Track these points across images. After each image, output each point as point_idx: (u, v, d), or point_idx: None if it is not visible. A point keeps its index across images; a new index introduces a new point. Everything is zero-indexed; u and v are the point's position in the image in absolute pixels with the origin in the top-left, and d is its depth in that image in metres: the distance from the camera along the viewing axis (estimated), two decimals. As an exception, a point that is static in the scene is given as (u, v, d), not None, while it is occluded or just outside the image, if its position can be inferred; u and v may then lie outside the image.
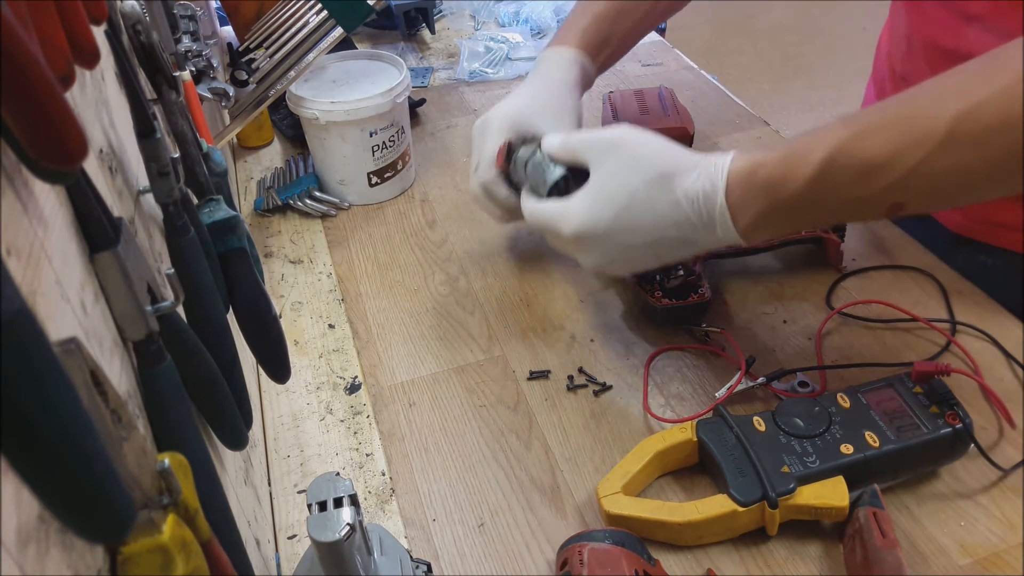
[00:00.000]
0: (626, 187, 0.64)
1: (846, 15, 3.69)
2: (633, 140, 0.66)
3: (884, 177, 0.57)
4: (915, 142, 0.55)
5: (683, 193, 0.63)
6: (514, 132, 0.80)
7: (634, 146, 0.65)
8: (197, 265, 0.47)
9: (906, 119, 0.56)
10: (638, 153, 0.65)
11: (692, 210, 0.63)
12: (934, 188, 0.57)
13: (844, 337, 0.80)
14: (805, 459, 0.62)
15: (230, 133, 1.00)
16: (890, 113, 0.58)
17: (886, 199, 0.58)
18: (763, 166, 0.61)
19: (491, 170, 0.80)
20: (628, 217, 0.65)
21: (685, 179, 0.63)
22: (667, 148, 0.65)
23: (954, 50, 0.80)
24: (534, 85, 0.85)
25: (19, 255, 0.26)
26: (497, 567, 0.63)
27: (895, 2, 0.93)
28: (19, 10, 0.24)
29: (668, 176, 0.63)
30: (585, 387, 0.77)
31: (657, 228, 0.64)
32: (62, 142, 0.25)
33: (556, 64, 0.86)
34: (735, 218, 0.62)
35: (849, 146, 0.57)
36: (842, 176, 0.58)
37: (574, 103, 0.84)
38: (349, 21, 0.95)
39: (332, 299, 0.90)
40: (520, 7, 1.49)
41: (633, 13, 0.88)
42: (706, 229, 0.63)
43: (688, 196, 0.63)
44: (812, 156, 0.58)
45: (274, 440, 0.75)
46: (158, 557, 0.29)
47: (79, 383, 0.27)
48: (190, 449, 0.37)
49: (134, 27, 0.46)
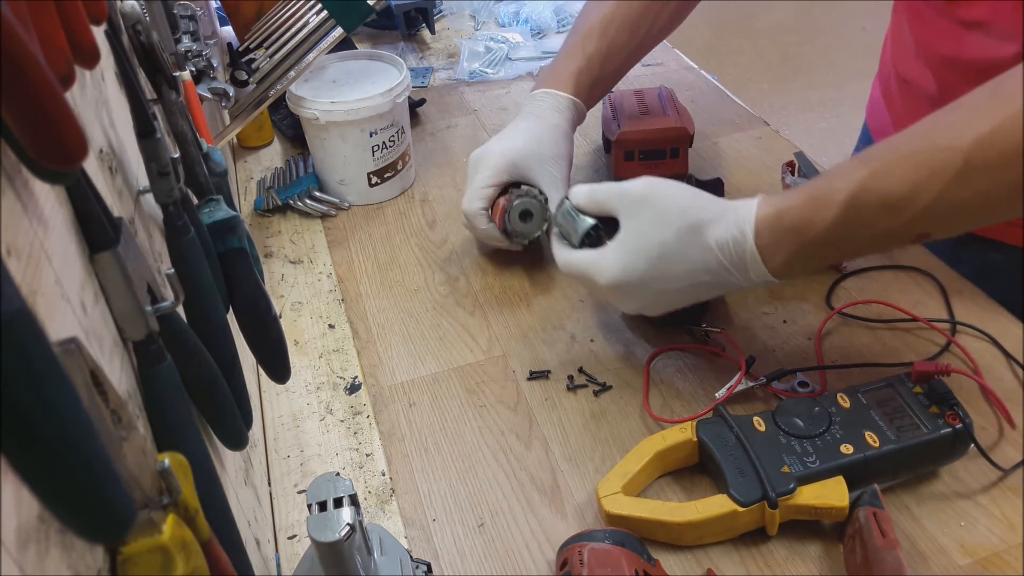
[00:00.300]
0: (658, 239, 0.66)
1: (846, 15, 3.69)
2: (660, 193, 0.67)
3: (907, 211, 0.59)
4: (933, 174, 0.57)
5: (714, 241, 0.65)
6: (508, 174, 0.85)
7: (662, 199, 0.67)
8: (197, 265, 0.47)
9: (922, 152, 0.58)
10: (666, 206, 0.66)
11: (724, 256, 0.65)
12: (956, 216, 0.60)
13: (844, 337, 0.80)
14: (805, 459, 0.62)
15: (230, 133, 1.00)
16: (905, 148, 0.60)
17: (911, 231, 0.61)
18: (789, 211, 0.63)
19: (477, 202, 0.85)
20: (662, 267, 0.67)
21: (714, 228, 0.65)
22: (694, 198, 0.67)
23: (955, 57, 0.80)
24: (531, 126, 0.87)
25: (19, 255, 0.26)
26: (497, 567, 0.63)
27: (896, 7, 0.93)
28: (19, 10, 0.24)
29: (697, 226, 0.65)
30: (585, 387, 0.77)
31: (691, 275, 0.67)
32: (62, 142, 0.25)
33: (551, 107, 0.88)
34: (766, 261, 0.64)
35: (870, 184, 0.59)
36: (866, 214, 0.60)
37: (568, 148, 0.88)
38: (349, 21, 0.95)
39: (332, 299, 0.90)
40: (520, 7, 1.49)
41: (624, 50, 0.91)
42: (739, 272, 0.66)
43: (719, 244, 0.65)
44: (835, 197, 0.61)
45: (274, 440, 0.75)
46: (158, 557, 0.29)
47: (79, 383, 0.27)
48: (190, 449, 0.37)
49: (134, 27, 0.46)
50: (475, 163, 0.88)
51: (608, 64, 0.90)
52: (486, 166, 0.86)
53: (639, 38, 0.90)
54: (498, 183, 0.86)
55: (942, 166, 0.57)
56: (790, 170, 0.95)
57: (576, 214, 0.73)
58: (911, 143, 0.60)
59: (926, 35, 0.85)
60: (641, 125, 0.99)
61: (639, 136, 0.99)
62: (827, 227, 0.61)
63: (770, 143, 1.10)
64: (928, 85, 0.86)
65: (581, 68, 0.89)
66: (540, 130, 0.87)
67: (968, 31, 0.78)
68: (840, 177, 0.61)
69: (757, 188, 1.00)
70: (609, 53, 0.89)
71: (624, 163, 1.01)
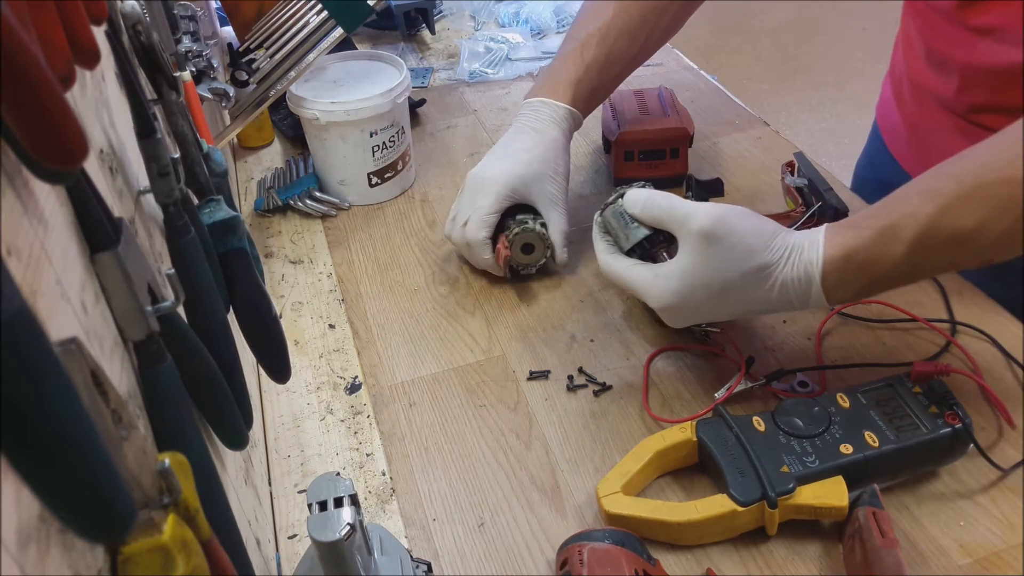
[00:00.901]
0: (721, 276, 0.66)
1: (846, 15, 3.69)
2: (728, 231, 0.65)
3: (975, 244, 0.59)
4: (1003, 209, 0.58)
5: (779, 284, 0.65)
6: (509, 200, 0.85)
7: (730, 237, 0.65)
8: (197, 265, 0.47)
9: (991, 186, 0.58)
10: (734, 244, 0.65)
11: (786, 295, 0.65)
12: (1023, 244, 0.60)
13: (844, 337, 0.80)
14: (805, 459, 0.62)
15: (230, 133, 1.00)
16: (971, 181, 0.60)
17: (976, 260, 0.62)
18: (857, 252, 0.63)
19: (483, 231, 0.84)
20: (719, 299, 0.67)
21: (779, 269, 0.65)
22: (761, 237, 0.65)
23: (967, 63, 0.80)
24: (528, 142, 0.87)
25: (19, 255, 0.26)
26: (497, 567, 0.63)
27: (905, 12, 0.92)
28: (19, 10, 0.24)
29: (763, 268, 0.65)
30: (585, 387, 0.77)
31: (747, 307, 0.68)
32: (62, 142, 0.25)
33: (549, 119, 0.88)
34: (829, 297, 0.65)
35: (939, 221, 0.60)
36: (934, 250, 0.61)
37: (566, 163, 0.88)
38: (349, 21, 0.95)
39: (332, 299, 0.90)
40: (520, 7, 1.49)
41: (623, 58, 0.90)
42: (798, 306, 0.66)
43: (783, 285, 0.65)
44: (903, 235, 0.61)
45: (274, 440, 0.75)
46: (158, 557, 0.29)
47: (79, 383, 0.27)
48: (190, 449, 0.37)
49: (134, 27, 0.46)
50: (472, 187, 0.87)
51: (607, 72, 0.90)
52: (487, 192, 0.85)
53: (638, 46, 0.90)
54: (501, 209, 0.85)
55: (1012, 201, 0.57)
56: (790, 170, 0.95)
57: (629, 220, 0.71)
58: (977, 175, 0.60)
59: (937, 41, 0.84)
60: (641, 125, 0.99)
61: (639, 136, 0.99)
62: (894, 264, 0.62)
63: (770, 143, 1.10)
64: (940, 89, 0.86)
65: (580, 77, 0.88)
66: (540, 148, 0.86)
67: (979, 37, 0.77)
68: (907, 215, 0.61)
69: (757, 188, 1.01)
70: (608, 62, 0.89)
71: (624, 163, 1.01)
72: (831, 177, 0.94)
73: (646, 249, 0.71)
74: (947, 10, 0.79)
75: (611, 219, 0.73)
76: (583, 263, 0.92)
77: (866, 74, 3.19)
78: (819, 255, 0.64)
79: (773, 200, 0.98)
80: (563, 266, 0.88)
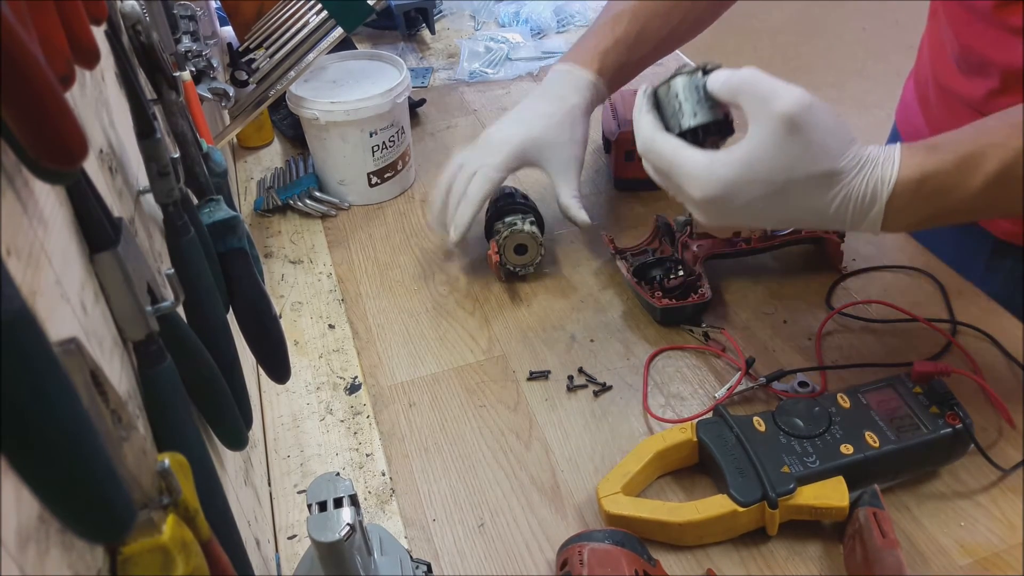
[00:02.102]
0: (786, 173, 0.60)
1: (846, 15, 3.69)
2: (813, 124, 0.59)
3: None
4: None
5: (843, 194, 0.60)
6: (520, 160, 0.84)
7: (813, 131, 0.59)
8: (197, 265, 0.47)
9: None
10: (813, 141, 0.59)
11: (845, 209, 0.60)
12: None
13: (844, 337, 0.80)
14: (805, 459, 0.62)
15: (230, 133, 1.00)
16: None
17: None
18: (933, 177, 0.58)
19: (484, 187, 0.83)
20: (774, 200, 0.61)
21: (848, 180, 0.60)
22: (837, 138, 0.60)
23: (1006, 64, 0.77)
24: (548, 107, 0.85)
25: (19, 255, 0.26)
26: (497, 567, 0.63)
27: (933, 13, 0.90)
28: (19, 10, 0.24)
29: (832, 175, 0.60)
30: (585, 387, 0.77)
31: (801, 212, 0.62)
32: (62, 142, 0.25)
33: (572, 86, 0.86)
34: (887, 221, 0.60)
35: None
36: (1014, 187, 0.57)
37: (583, 131, 0.86)
38: (349, 21, 0.95)
39: (332, 299, 0.90)
40: (520, 7, 1.49)
41: (654, 38, 0.88)
42: (850, 223, 0.61)
43: (848, 198, 0.60)
44: (986, 166, 0.57)
45: (274, 440, 0.75)
46: (158, 557, 0.29)
47: (79, 383, 0.26)
48: (190, 449, 0.37)
49: (134, 27, 0.46)
50: (486, 144, 0.85)
51: (636, 50, 0.87)
52: (498, 152, 0.84)
53: (670, 28, 0.88)
54: (510, 168, 0.85)
55: None
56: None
57: (698, 98, 0.64)
58: None
59: (973, 41, 0.81)
60: (641, 125, 0.99)
61: (639, 136, 0.99)
62: (968, 196, 0.57)
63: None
64: (971, 93, 0.83)
65: (608, 49, 0.86)
66: (558, 115, 0.84)
67: (1016, 37, 0.75)
68: (994, 145, 0.57)
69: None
70: (638, 40, 0.86)
71: (624, 163, 1.01)
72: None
73: (698, 137, 0.64)
74: (984, 10, 0.77)
75: (676, 92, 0.65)
76: (583, 263, 0.92)
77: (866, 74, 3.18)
78: (893, 173, 0.59)
79: (773, 200, 0.98)
80: (587, 226, 0.85)
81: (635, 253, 0.88)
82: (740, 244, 0.86)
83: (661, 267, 0.86)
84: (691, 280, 0.82)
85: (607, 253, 0.90)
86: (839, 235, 0.86)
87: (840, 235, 0.86)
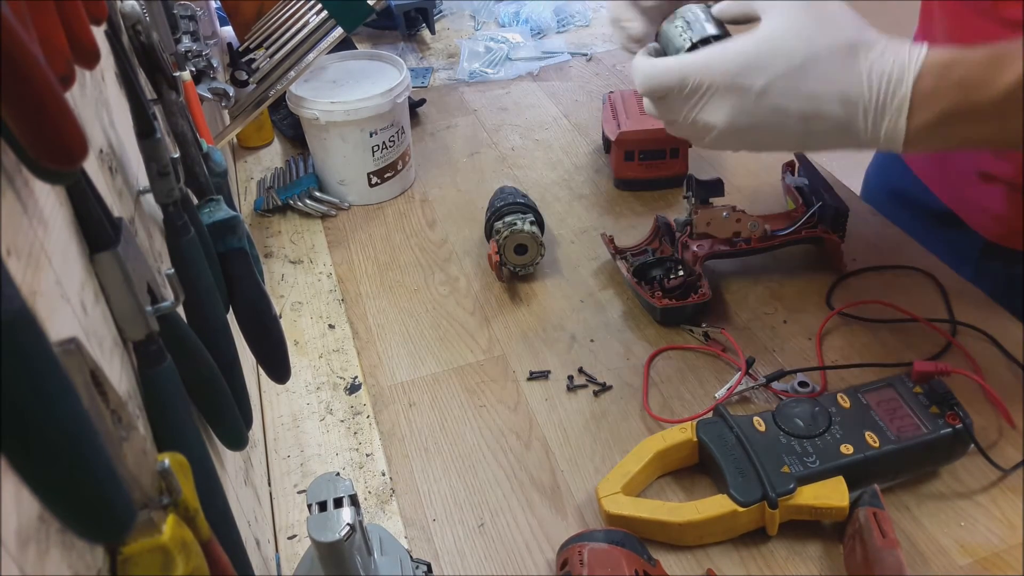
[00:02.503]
0: (808, 45, 0.57)
1: (846, 15, 3.68)
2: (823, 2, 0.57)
3: None
4: None
5: (868, 69, 0.56)
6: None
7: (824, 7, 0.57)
8: (197, 265, 0.47)
9: None
10: (831, 11, 0.57)
11: (870, 91, 0.56)
12: None
13: (844, 337, 0.80)
14: (805, 459, 0.62)
15: (230, 133, 1.00)
16: None
17: None
18: (961, 63, 0.55)
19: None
20: (798, 77, 0.57)
21: (873, 55, 0.56)
22: (853, 17, 0.58)
23: None
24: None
25: (19, 255, 0.26)
26: (497, 567, 0.63)
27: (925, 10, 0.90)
28: (19, 10, 0.24)
29: (857, 47, 0.56)
30: (585, 387, 0.77)
31: (824, 99, 0.57)
32: (62, 142, 0.25)
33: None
34: (914, 111, 0.56)
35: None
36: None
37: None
38: (349, 21, 0.95)
39: (332, 299, 0.90)
40: (520, 7, 1.49)
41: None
42: (873, 121, 0.57)
43: (873, 73, 0.56)
44: (1015, 66, 0.53)
45: (274, 440, 0.75)
46: (158, 557, 0.29)
47: (79, 383, 0.26)
48: (190, 449, 0.37)
49: (134, 27, 0.46)
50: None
51: None
52: None
53: None
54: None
55: None
56: (790, 170, 0.95)
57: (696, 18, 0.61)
58: None
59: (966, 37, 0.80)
60: (641, 125, 0.99)
61: (639, 136, 0.99)
62: (998, 94, 0.54)
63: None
64: None
65: None
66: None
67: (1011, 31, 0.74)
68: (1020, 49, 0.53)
69: (757, 188, 1.01)
70: None
71: (624, 163, 1.01)
72: (831, 177, 0.94)
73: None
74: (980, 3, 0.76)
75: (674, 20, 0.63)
76: (583, 263, 0.92)
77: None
78: (921, 51, 0.56)
79: (773, 200, 0.98)
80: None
81: (635, 253, 0.88)
82: (740, 244, 0.86)
83: (661, 267, 0.86)
84: (691, 280, 0.82)
85: (607, 253, 0.90)
86: (839, 235, 0.86)
87: (840, 235, 0.86)
